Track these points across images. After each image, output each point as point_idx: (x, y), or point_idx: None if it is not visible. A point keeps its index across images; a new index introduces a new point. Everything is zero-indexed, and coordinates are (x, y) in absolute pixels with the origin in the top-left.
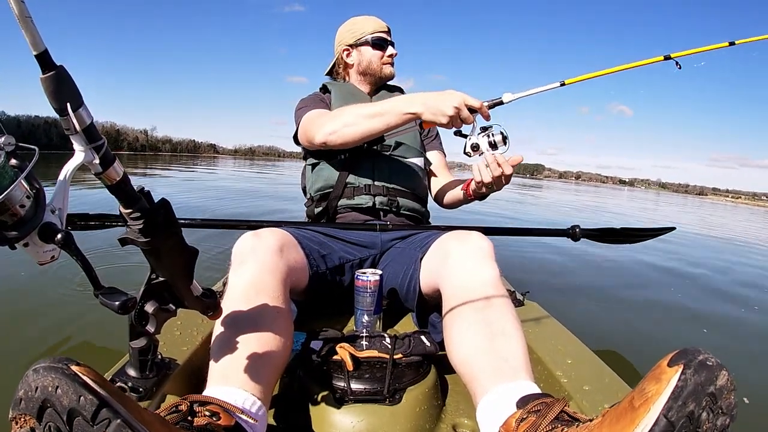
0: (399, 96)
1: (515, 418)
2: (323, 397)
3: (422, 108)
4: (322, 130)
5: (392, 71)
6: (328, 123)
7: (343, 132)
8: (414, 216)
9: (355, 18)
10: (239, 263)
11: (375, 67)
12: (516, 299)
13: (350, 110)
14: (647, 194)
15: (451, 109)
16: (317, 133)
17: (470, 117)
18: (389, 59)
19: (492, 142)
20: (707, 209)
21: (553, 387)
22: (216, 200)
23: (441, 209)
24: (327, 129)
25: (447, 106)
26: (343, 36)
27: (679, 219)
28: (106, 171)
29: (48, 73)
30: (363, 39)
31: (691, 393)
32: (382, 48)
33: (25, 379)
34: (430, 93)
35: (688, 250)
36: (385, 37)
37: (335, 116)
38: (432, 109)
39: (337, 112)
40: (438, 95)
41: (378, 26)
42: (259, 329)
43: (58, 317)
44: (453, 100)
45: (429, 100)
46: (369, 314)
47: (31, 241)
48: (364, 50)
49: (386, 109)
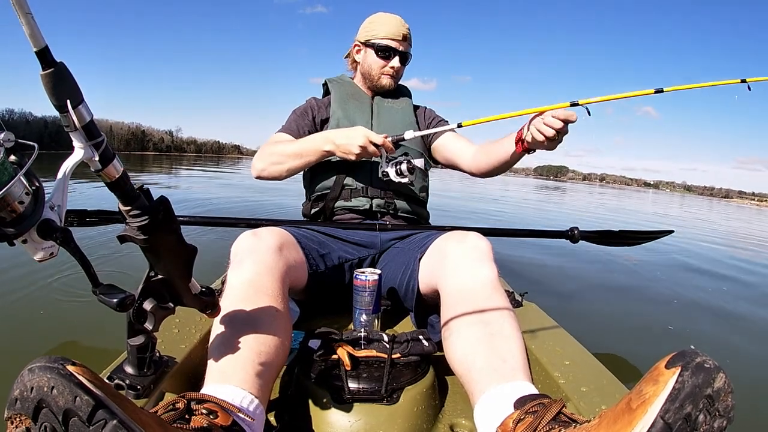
0: (317, 135)
1: (513, 418)
2: (321, 396)
3: (333, 147)
4: (254, 167)
5: (389, 83)
6: (258, 161)
7: (270, 170)
8: (412, 217)
9: (378, 15)
10: (238, 262)
11: (373, 74)
12: (514, 300)
13: (279, 149)
14: (672, 197)
15: (356, 148)
16: (252, 170)
17: (376, 151)
18: (390, 71)
19: (399, 170)
20: (723, 211)
21: (551, 388)
22: (221, 197)
23: (441, 209)
24: (258, 166)
25: (353, 144)
26: (360, 31)
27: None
28: (105, 168)
29: (48, 70)
30: (371, 42)
31: (688, 395)
32: (385, 57)
33: (21, 378)
34: (340, 132)
35: (688, 251)
36: (393, 46)
37: (267, 154)
38: (342, 148)
39: (270, 148)
40: (346, 135)
41: (391, 32)
42: (257, 328)
43: (56, 314)
44: (358, 139)
45: (339, 140)
46: (367, 314)
47: (30, 238)
48: (369, 53)
49: (306, 149)
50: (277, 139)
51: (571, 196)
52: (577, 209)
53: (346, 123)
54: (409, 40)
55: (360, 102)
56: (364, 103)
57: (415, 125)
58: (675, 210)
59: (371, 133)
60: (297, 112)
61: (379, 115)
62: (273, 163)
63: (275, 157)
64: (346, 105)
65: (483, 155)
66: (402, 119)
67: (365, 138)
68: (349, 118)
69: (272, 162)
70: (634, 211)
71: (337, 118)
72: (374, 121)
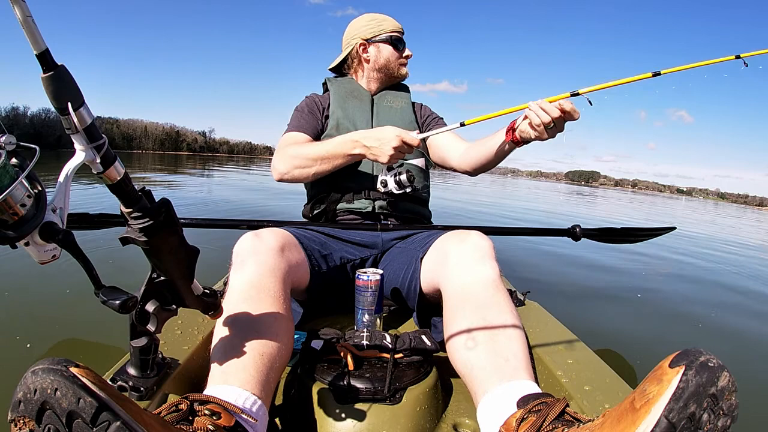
0: (342, 138)
1: (516, 417)
2: (324, 396)
3: (363, 150)
4: (276, 170)
5: (407, 72)
6: (280, 164)
7: (294, 173)
8: (415, 218)
9: (372, 14)
10: (240, 263)
11: (392, 66)
12: (517, 299)
13: (303, 152)
14: (705, 205)
15: (389, 150)
16: (273, 172)
17: (410, 150)
18: (405, 60)
19: (398, 181)
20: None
21: (554, 387)
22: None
23: (441, 209)
24: (281, 169)
25: (386, 146)
26: (359, 30)
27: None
28: (107, 170)
29: (49, 73)
30: (382, 36)
31: (692, 394)
32: (399, 48)
33: (24, 380)
34: (370, 133)
35: (690, 251)
36: (402, 37)
37: (289, 157)
38: (373, 151)
39: (291, 150)
40: (377, 137)
41: (396, 26)
42: (259, 329)
43: (58, 316)
44: (391, 141)
45: (369, 141)
46: (370, 313)
47: (32, 241)
48: (383, 47)
49: (331, 152)
50: (293, 139)
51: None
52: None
53: (346, 122)
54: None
55: (360, 101)
56: (365, 102)
57: (415, 123)
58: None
59: (404, 132)
60: (304, 109)
61: (379, 114)
62: (297, 166)
63: (299, 160)
64: (346, 104)
65: (473, 150)
66: (402, 118)
67: (398, 139)
68: (349, 117)
69: (296, 165)
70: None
71: (337, 117)
72: (374, 120)
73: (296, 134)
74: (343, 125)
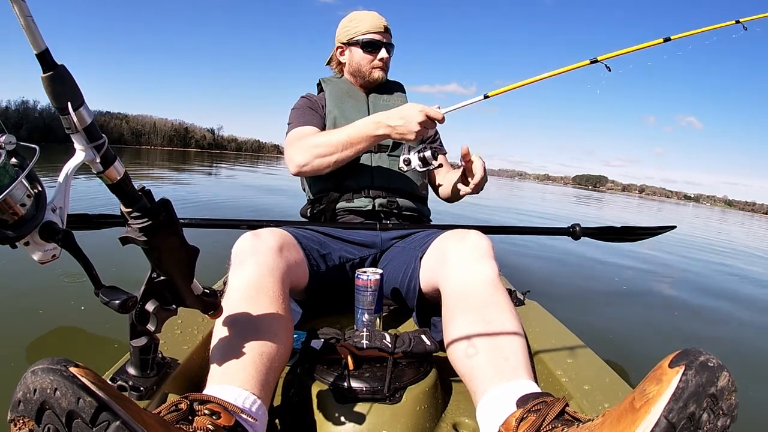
0: (363, 121)
1: (515, 417)
2: (324, 396)
3: (388, 130)
4: (294, 162)
5: (381, 75)
6: (298, 155)
7: (315, 163)
8: (414, 216)
9: (354, 13)
10: (239, 263)
11: (364, 70)
12: (516, 298)
13: (323, 140)
14: (712, 212)
15: (416, 126)
16: (290, 165)
17: (432, 126)
18: (379, 63)
19: (422, 157)
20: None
21: (554, 386)
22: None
23: (441, 208)
24: (299, 161)
25: (412, 123)
26: (339, 32)
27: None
28: (106, 170)
29: (48, 73)
30: (354, 39)
31: (692, 394)
32: (372, 51)
33: (24, 380)
34: (392, 113)
35: (690, 251)
36: (377, 39)
37: (308, 147)
38: (398, 129)
39: (310, 140)
40: (401, 115)
41: (372, 26)
42: (259, 328)
43: (58, 316)
44: (416, 116)
45: (393, 121)
46: (369, 313)
47: (32, 240)
48: (354, 51)
49: (354, 136)
50: (304, 132)
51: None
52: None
53: (343, 122)
54: (389, 31)
55: (356, 100)
56: (360, 101)
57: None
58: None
59: (427, 107)
60: (304, 106)
61: (377, 111)
62: (318, 155)
63: (320, 149)
64: (342, 103)
65: (447, 188)
66: None
67: (422, 114)
68: (346, 116)
69: (317, 154)
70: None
71: (334, 116)
72: None
73: (305, 128)
74: (340, 124)
